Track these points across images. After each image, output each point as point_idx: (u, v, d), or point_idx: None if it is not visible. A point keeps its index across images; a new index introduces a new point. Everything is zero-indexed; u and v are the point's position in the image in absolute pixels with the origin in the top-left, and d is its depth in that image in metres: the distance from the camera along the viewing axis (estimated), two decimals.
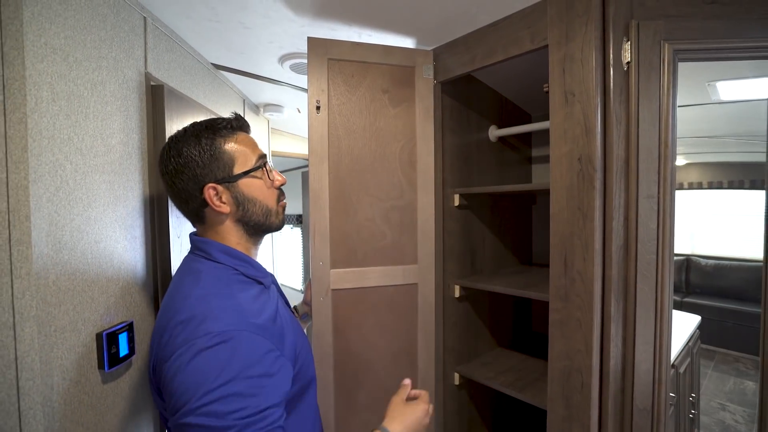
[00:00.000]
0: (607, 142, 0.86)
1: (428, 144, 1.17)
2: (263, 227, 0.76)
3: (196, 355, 0.56)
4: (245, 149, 0.74)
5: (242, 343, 0.58)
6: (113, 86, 0.86)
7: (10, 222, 0.63)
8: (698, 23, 0.83)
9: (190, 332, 0.58)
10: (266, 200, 0.75)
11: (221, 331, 0.58)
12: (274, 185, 0.76)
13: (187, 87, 1.20)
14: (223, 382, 0.54)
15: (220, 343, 0.57)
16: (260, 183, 0.74)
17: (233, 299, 0.64)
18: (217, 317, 0.60)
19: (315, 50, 1.06)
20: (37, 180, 0.66)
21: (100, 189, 0.82)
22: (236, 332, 0.59)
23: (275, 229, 0.78)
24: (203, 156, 0.70)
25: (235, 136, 0.74)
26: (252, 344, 0.59)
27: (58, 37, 0.71)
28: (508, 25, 1.01)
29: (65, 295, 0.72)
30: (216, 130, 0.72)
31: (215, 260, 0.71)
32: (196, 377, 0.55)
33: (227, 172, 0.71)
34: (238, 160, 0.72)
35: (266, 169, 0.75)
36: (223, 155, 0.71)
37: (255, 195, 0.73)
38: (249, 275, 0.72)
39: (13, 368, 0.63)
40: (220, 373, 0.55)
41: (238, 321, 0.60)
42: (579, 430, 0.89)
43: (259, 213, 0.74)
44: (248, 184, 0.73)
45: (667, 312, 0.86)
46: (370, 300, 1.12)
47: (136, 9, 0.94)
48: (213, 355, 0.56)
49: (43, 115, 0.67)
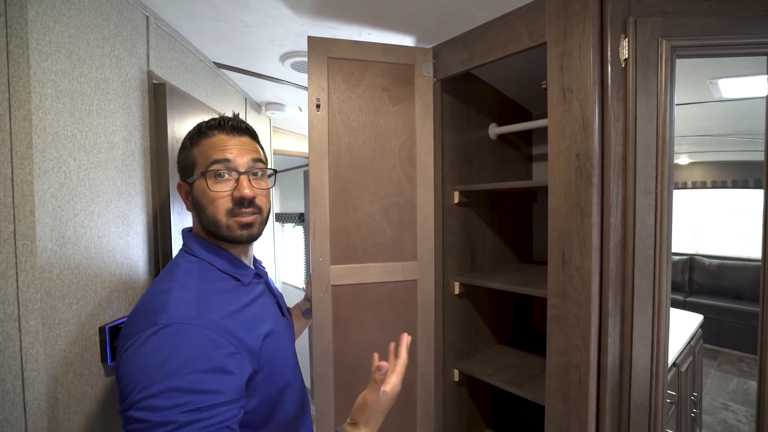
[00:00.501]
0: (605, 138, 0.87)
1: (428, 142, 1.18)
2: (217, 236, 0.71)
3: (141, 346, 0.54)
4: (205, 152, 0.69)
5: (188, 336, 0.55)
6: (116, 84, 0.87)
7: (15, 217, 0.64)
8: (696, 20, 0.84)
9: (140, 323, 0.57)
10: (211, 210, 0.68)
11: (168, 322, 0.55)
12: (233, 196, 0.68)
13: (189, 85, 1.21)
14: (164, 376, 0.51)
15: (166, 335, 0.54)
16: (202, 188, 0.68)
17: (193, 292, 0.62)
18: (169, 309, 0.57)
19: (315, 49, 1.07)
20: (42, 176, 0.67)
21: (103, 185, 0.83)
22: (184, 325, 0.56)
23: (229, 240, 0.71)
24: (179, 153, 0.73)
25: (209, 137, 0.70)
26: (200, 338, 0.56)
27: (62, 35, 0.72)
28: (507, 23, 1.02)
29: (69, 289, 0.74)
30: (198, 129, 0.72)
31: (192, 253, 0.70)
32: (138, 369, 0.52)
33: (189, 171, 0.71)
34: (198, 162, 0.69)
35: (210, 179, 0.68)
36: (188, 155, 0.71)
37: (202, 201, 0.69)
38: (224, 270, 0.69)
39: (18, 359, 0.65)
40: (162, 365, 0.52)
41: (189, 314, 0.57)
42: (577, 425, 0.90)
43: (208, 221, 0.69)
44: (197, 189, 0.69)
45: (665, 308, 0.87)
46: (370, 296, 1.13)
47: (139, 8, 0.96)
48: (156, 346, 0.53)
49: (47, 112, 0.69)
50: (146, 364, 0.52)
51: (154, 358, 0.53)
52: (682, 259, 4.61)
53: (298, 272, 3.34)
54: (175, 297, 0.59)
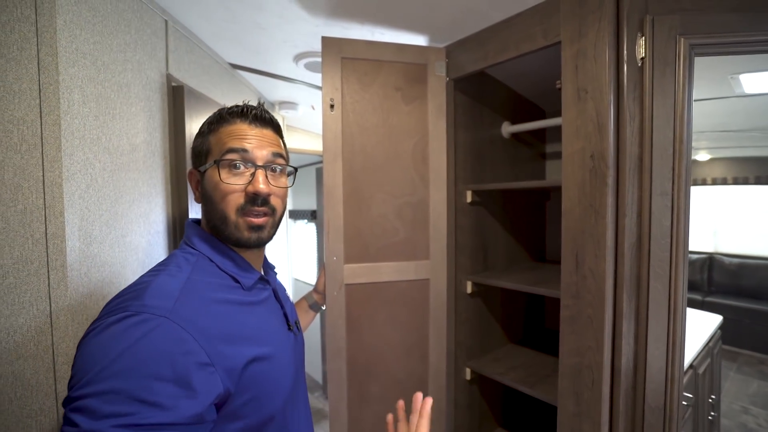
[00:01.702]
0: (620, 138, 0.86)
1: (441, 141, 1.19)
2: (223, 236, 0.63)
3: (100, 332, 0.45)
4: (221, 140, 0.62)
5: (155, 331, 0.46)
6: (137, 88, 0.90)
7: (46, 217, 0.67)
8: (715, 17, 0.82)
9: (112, 308, 0.48)
10: (221, 205, 0.61)
11: (137, 310, 0.46)
12: (246, 191, 0.61)
13: (206, 87, 1.24)
14: (113, 373, 0.42)
15: (129, 325, 0.45)
16: (215, 181, 0.61)
17: (179, 281, 0.53)
18: (144, 296, 0.49)
19: (329, 49, 1.08)
20: (70, 178, 0.70)
21: (126, 186, 0.86)
22: (153, 317, 0.46)
23: (238, 242, 0.63)
24: (198, 136, 0.66)
25: (229, 125, 0.63)
26: (168, 336, 0.46)
27: (87, 42, 0.75)
28: (521, 22, 1.01)
29: (95, 286, 0.77)
30: (218, 114, 0.65)
31: (191, 245, 0.62)
32: (89, 358, 0.44)
33: (201, 159, 0.64)
34: (213, 151, 0.62)
35: (224, 169, 0.61)
36: (203, 142, 0.64)
37: (211, 194, 0.62)
38: (224, 269, 0.61)
39: (50, 353, 0.68)
40: (114, 360, 0.43)
41: (163, 304, 0.48)
42: (589, 427, 0.90)
43: (216, 216, 0.62)
44: (209, 181, 0.62)
45: (681, 310, 0.86)
46: (383, 295, 1.14)
47: (158, 13, 0.98)
48: (115, 336, 0.44)
49: (74, 116, 0.72)
50: (98, 355, 0.43)
51: (109, 349, 0.43)
52: (700, 257, 4.51)
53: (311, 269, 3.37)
54: (156, 284, 0.51)
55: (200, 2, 0.99)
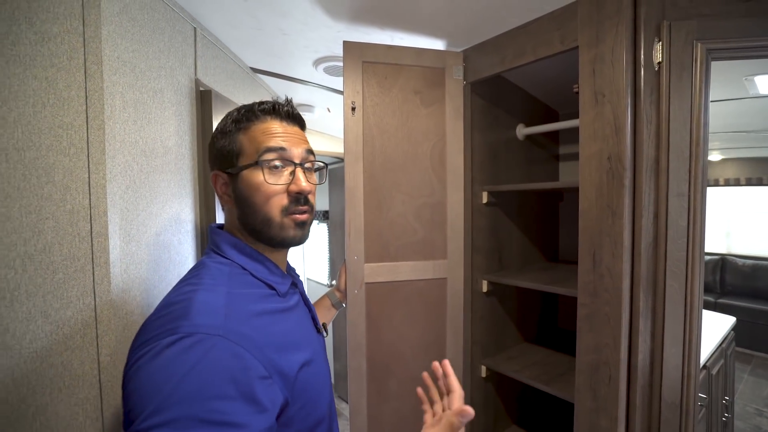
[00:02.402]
0: (637, 141, 0.88)
1: (458, 143, 1.21)
2: (263, 237, 0.62)
3: (154, 357, 0.44)
4: (256, 139, 0.60)
5: (212, 351, 0.45)
6: (170, 93, 0.94)
7: (92, 217, 0.71)
8: (733, 22, 0.84)
9: (157, 328, 0.48)
10: (264, 205, 0.60)
11: (190, 331, 0.46)
12: (288, 190, 0.61)
13: (230, 91, 1.28)
14: (179, 399, 0.41)
15: (185, 348, 0.44)
16: (257, 182, 0.60)
17: (222, 297, 0.52)
18: (192, 315, 0.48)
19: (350, 53, 1.11)
20: (112, 180, 0.74)
21: (159, 187, 0.91)
22: (207, 336, 0.46)
23: (277, 242, 0.63)
24: (218, 138, 0.62)
25: (261, 123, 0.62)
26: (226, 354, 0.46)
27: (127, 51, 0.79)
28: (538, 27, 1.04)
29: (133, 282, 0.81)
30: (246, 112, 0.63)
31: (222, 254, 0.61)
32: (149, 387, 0.43)
33: (231, 162, 0.61)
34: (246, 151, 0.60)
35: (266, 169, 0.60)
36: (231, 142, 0.61)
37: (250, 196, 0.60)
38: (259, 277, 0.61)
39: (95, 345, 0.72)
40: (177, 385, 0.42)
41: (214, 322, 0.48)
42: (606, 422, 0.92)
43: (257, 220, 0.61)
44: (245, 181, 0.60)
45: (697, 309, 0.87)
46: (402, 293, 1.17)
47: (188, 21, 1.02)
48: (173, 360, 0.44)
49: (116, 121, 0.76)
50: (159, 382, 0.43)
51: (170, 375, 0.43)
52: (713, 259, 4.47)
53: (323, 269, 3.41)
54: (200, 300, 0.50)
55: (228, 10, 1.03)
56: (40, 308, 0.67)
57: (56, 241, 0.69)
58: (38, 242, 0.67)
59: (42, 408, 0.68)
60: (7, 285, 0.64)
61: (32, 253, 0.67)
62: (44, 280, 0.68)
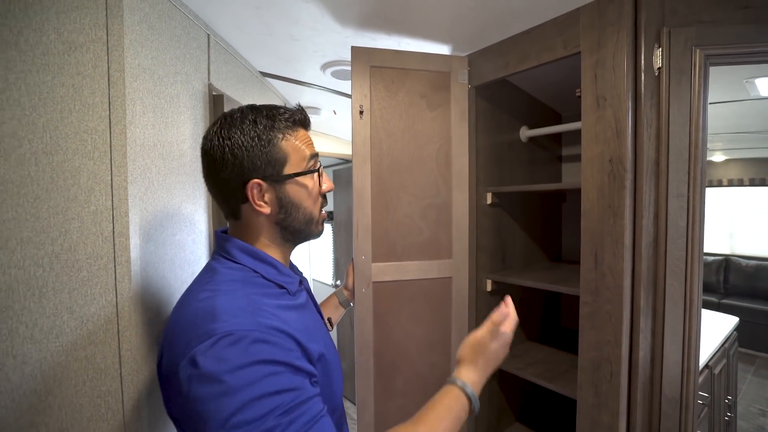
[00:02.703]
0: (638, 143, 0.91)
1: (463, 145, 1.24)
2: (301, 235, 0.70)
3: (201, 363, 0.49)
4: (301, 148, 0.66)
5: (254, 343, 0.51)
6: (185, 98, 0.98)
7: (114, 217, 0.75)
8: (730, 28, 0.86)
9: (190, 337, 0.52)
10: (311, 207, 0.68)
11: (227, 331, 0.50)
12: (321, 191, 0.70)
13: (240, 94, 1.32)
14: (241, 387, 0.47)
15: (227, 345, 0.49)
16: (309, 186, 0.67)
17: (242, 299, 0.57)
18: (222, 318, 0.52)
19: (358, 58, 1.14)
20: (133, 182, 0.78)
21: (175, 189, 0.94)
22: (245, 332, 0.51)
23: (313, 237, 0.72)
24: (255, 147, 0.62)
25: (295, 132, 0.67)
26: (265, 344, 0.52)
27: (147, 58, 0.82)
28: (541, 33, 1.07)
29: (151, 280, 0.84)
30: (275, 121, 0.65)
31: (234, 259, 0.64)
32: (208, 388, 0.48)
33: (277, 170, 0.64)
34: (291, 159, 0.65)
35: (318, 174, 0.69)
36: (276, 151, 0.64)
37: (301, 200, 0.67)
38: (271, 279, 0.65)
39: (116, 340, 0.75)
40: (234, 376, 0.48)
41: (246, 321, 0.53)
42: (608, 417, 0.94)
43: (301, 220, 0.68)
44: (296, 188, 0.66)
45: (696, 307, 0.90)
46: (408, 292, 1.20)
47: (202, 28, 1.06)
48: (221, 358, 0.49)
49: (137, 126, 0.79)
50: (216, 381, 0.47)
51: (222, 371, 0.48)
52: (717, 259, 4.47)
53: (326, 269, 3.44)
54: (223, 304, 0.55)
55: (240, 17, 1.06)
56: (65, 304, 0.71)
57: (81, 241, 0.72)
58: (65, 241, 0.70)
59: (67, 400, 0.71)
60: (36, 282, 0.68)
61: (59, 251, 0.70)
62: (70, 278, 0.71)
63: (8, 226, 0.66)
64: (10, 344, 0.66)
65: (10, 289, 0.66)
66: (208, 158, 0.65)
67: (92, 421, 0.73)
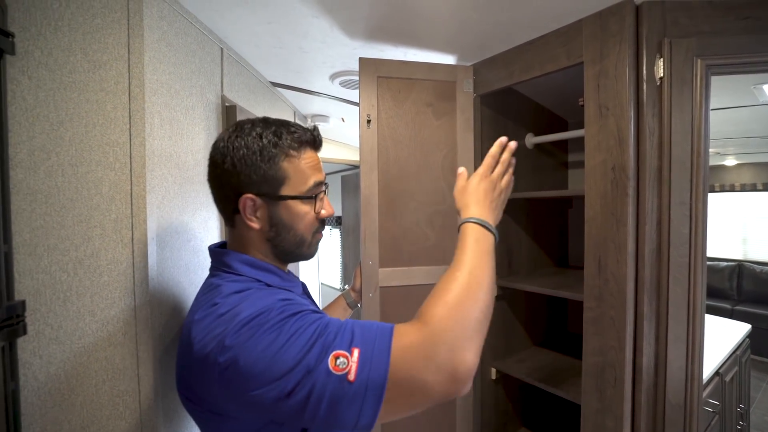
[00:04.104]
0: (640, 151, 0.92)
1: (468, 153, 1.26)
2: (290, 256, 0.70)
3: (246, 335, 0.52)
4: (304, 171, 0.66)
5: (281, 308, 0.55)
6: (200, 110, 1.02)
7: (133, 225, 0.79)
8: (731, 39, 0.88)
9: (225, 325, 0.54)
10: (303, 230, 0.68)
11: (256, 311, 0.54)
12: (319, 216, 0.70)
13: (251, 105, 1.36)
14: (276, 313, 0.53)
15: (258, 316, 0.53)
16: (304, 211, 0.67)
17: (254, 295, 0.59)
18: (244, 308, 0.55)
19: (366, 69, 1.17)
20: (151, 191, 0.82)
21: (190, 197, 0.98)
22: (271, 304, 0.55)
23: (303, 259, 0.72)
24: (254, 163, 0.62)
25: (302, 152, 0.66)
26: (289, 302, 0.58)
27: (164, 73, 0.87)
28: (545, 43, 1.09)
29: (167, 285, 0.88)
30: (280, 138, 0.64)
31: (236, 272, 0.65)
32: (259, 353, 0.50)
33: (273, 188, 0.64)
34: (291, 180, 0.65)
35: (317, 200, 0.68)
36: (276, 169, 0.63)
37: (293, 223, 0.66)
38: (274, 286, 0.66)
39: (134, 342, 0.79)
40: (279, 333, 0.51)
41: (268, 303, 0.56)
42: (612, 422, 0.95)
43: (291, 242, 0.68)
44: (290, 210, 0.65)
45: (700, 312, 0.91)
46: (415, 297, 1.22)
47: (216, 42, 1.10)
48: (256, 326, 0.52)
49: (155, 138, 0.83)
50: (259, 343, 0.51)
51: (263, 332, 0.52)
52: (729, 265, 4.40)
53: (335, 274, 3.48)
54: (238, 300, 0.57)
55: (253, 32, 1.10)
56: (88, 308, 0.75)
57: (102, 247, 0.76)
58: (87, 248, 0.74)
59: (88, 398, 0.75)
60: (61, 287, 0.72)
61: (82, 257, 0.74)
62: (92, 283, 0.75)
63: (37, 233, 0.70)
64: (37, 345, 0.70)
65: (38, 293, 0.70)
66: (211, 163, 0.67)
67: (111, 420, 0.77)
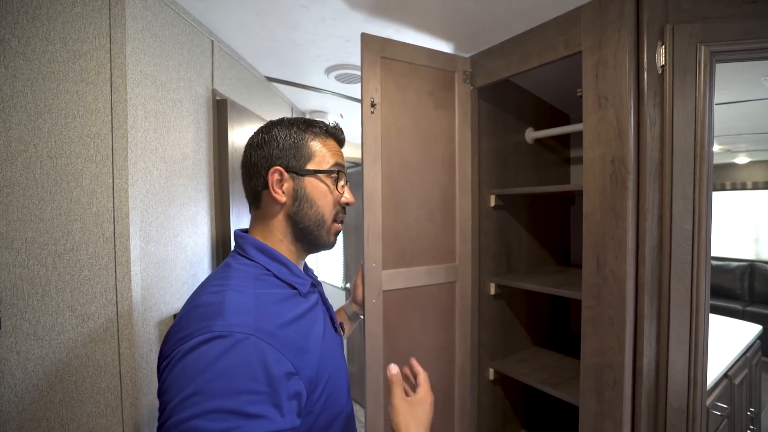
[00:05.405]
0: (641, 144, 0.88)
1: (466, 147, 1.23)
2: (311, 237, 0.70)
3: (189, 352, 0.48)
4: (327, 152, 0.71)
5: (246, 350, 0.50)
6: (188, 103, 1.00)
7: (115, 219, 0.77)
8: (738, 24, 0.83)
9: (192, 325, 0.52)
10: (323, 208, 0.70)
11: (225, 331, 0.50)
12: (339, 200, 0.72)
13: (245, 99, 1.34)
14: (213, 393, 0.46)
15: (220, 346, 0.49)
16: (326, 189, 0.70)
17: (250, 296, 0.58)
18: (226, 314, 0.52)
19: (369, 47, 1.06)
20: (134, 184, 0.80)
21: (177, 191, 0.96)
22: (242, 336, 0.50)
23: (323, 244, 0.73)
24: (286, 141, 0.68)
25: (326, 140, 0.72)
26: (258, 353, 0.50)
27: (149, 64, 0.85)
28: (543, 32, 1.05)
29: (152, 280, 0.86)
30: (310, 126, 0.72)
31: (247, 256, 0.66)
32: (184, 381, 0.47)
33: (300, 163, 0.68)
34: (316, 157, 0.69)
35: (337, 178, 0.71)
36: (303, 147, 0.69)
37: (315, 198, 0.69)
38: (282, 278, 0.65)
39: (116, 338, 0.77)
40: (212, 380, 0.46)
41: (247, 322, 0.52)
42: (611, 426, 0.91)
43: (312, 217, 0.69)
44: (314, 185, 0.69)
45: (703, 312, 0.86)
46: (418, 299, 1.17)
47: (206, 34, 1.08)
48: (208, 357, 0.48)
49: (138, 130, 0.81)
50: (195, 377, 0.47)
51: (205, 370, 0.47)
52: (741, 265, 4.29)
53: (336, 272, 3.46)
54: (231, 300, 0.55)
55: (243, 24, 1.08)
56: (67, 303, 0.73)
57: (83, 241, 0.74)
58: (67, 242, 0.73)
59: (68, 396, 0.73)
60: (40, 281, 0.70)
61: (62, 251, 0.73)
62: (72, 277, 0.74)
63: (14, 227, 0.69)
64: (14, 341, 0.69)
65: (15, 288, 0.69)
66: (248, 144, 0.71)
67: (92, 417, 0.75)
